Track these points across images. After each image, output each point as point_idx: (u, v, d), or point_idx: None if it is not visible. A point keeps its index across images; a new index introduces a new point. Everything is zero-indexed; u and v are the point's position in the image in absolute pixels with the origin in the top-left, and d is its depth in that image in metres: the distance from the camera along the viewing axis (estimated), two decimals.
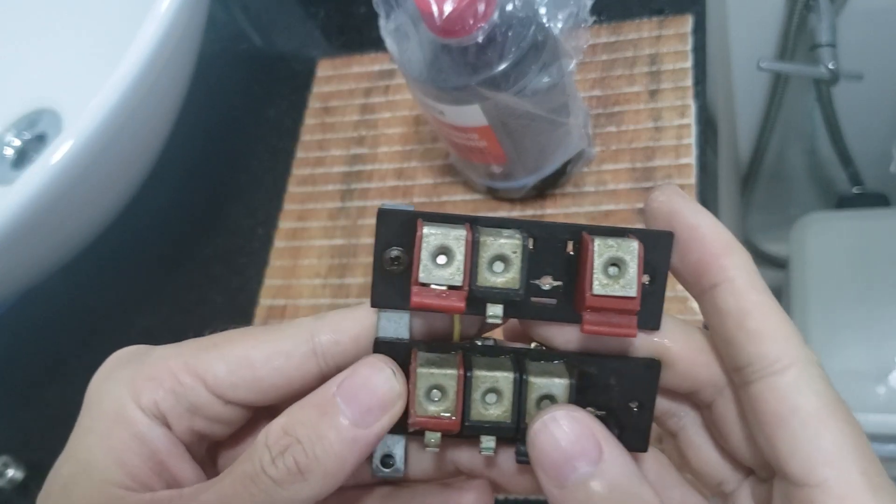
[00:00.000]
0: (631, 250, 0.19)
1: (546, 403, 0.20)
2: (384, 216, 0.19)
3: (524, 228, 0.19)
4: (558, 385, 0.19)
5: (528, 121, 0.39)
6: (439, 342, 0.21)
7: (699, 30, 0.47)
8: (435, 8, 0.34)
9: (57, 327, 0.55)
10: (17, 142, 0.58)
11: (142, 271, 0.55)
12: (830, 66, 0.73)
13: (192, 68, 0.50)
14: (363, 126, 0.53)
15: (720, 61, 0.66)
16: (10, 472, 0.48)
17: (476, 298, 0.19)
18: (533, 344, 0.21)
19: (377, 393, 0.19)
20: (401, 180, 0.51)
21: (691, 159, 0.44)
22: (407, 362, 0.20)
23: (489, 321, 0.19)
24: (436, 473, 0.22)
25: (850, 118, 0.85)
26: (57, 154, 0.39)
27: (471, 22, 0.34)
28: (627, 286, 0.18)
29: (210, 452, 0.23)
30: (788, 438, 0.18)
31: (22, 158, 0.58)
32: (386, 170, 0.51)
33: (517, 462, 0.20)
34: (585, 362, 0.20)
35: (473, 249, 0.19)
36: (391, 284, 0.20)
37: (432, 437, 0.20)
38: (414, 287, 0.19)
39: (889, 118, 0.88)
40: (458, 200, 0.49)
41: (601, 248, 0.19)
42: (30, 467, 0.49)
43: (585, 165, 0.46)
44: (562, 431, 0.18)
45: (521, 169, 0.43)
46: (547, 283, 0.20)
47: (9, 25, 0.60)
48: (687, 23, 0.48)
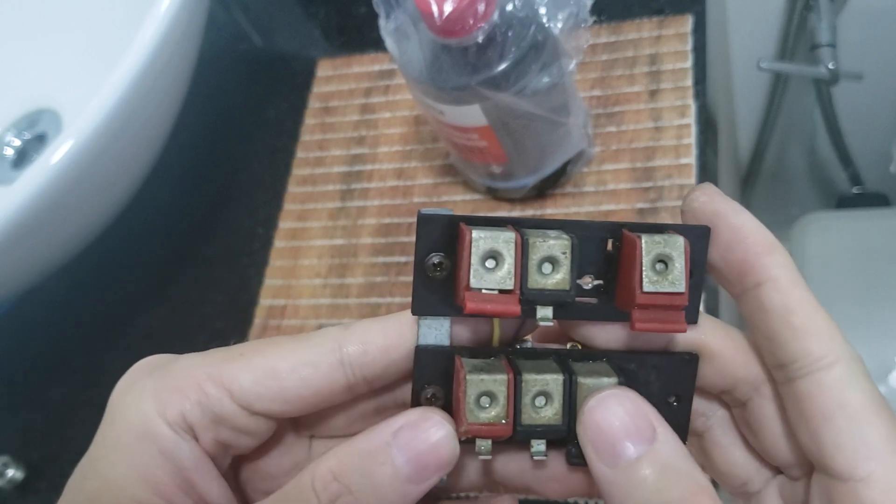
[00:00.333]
0: (678, 246, 0.19)
1: None
2: (425, 221, 0.19)
3: (566, 228, 0.19)
4: (607, 384, 0.19)
5: (528, 121, 0.39)
6: (480, 348, 0.20)
7: (699, 30, 0.47)
8: (435, 8, 0.34)
9: (57, 327, 0.55)
10: (18, 142, 0.58)
11: (142, 271, 0.55)
12: (830, 66, 0.73)
13: (192, 68, 0.50)
14: (363, 126, 0.53)
15: (720, 61, 0.66)
16: (10, 472, 0.48)
17: (526, 301, 0.19)
18: (569, 344, 0.21)
19: (439, 453, 0.19)
20: (401, 180, 0.51)
21: (691, 159, 0.44)
22: (449, 369, 0.20)
23: (540, 323, 0.19)
24: (480, 482, 0.22)
25: (850, 118, 0.85)
26: (57, 154, 0.39)
27: (471, 22, 0.34)
28: (676, 282, 0.18)
29: (233, 466, 0.23)
30: (834, 433, 0.18)
31: (22, 158, 0.58)
32: (386, 170, 0.51)
33: (569, 464, 0.20)
34: (626, 360, 0.20)
35: (523, 252, 0.18)
36: (433, 291, 0.19)
37: (483, 445, 0.19)
38: (466, 293, 0.18)
39: (889, 118, 0.88)
40: (458, 200, 0.49)
41: (649, 246, 0.18)
42: (30, 467, 0.49)
43: (585, 165, 0.46)
44: (618, 409, 0.18)
45: (522, 169, 0.43)
46: (588, 283, 0.20)
47: (9, 25, 0.60)
48: (687, 23, 0.48)
